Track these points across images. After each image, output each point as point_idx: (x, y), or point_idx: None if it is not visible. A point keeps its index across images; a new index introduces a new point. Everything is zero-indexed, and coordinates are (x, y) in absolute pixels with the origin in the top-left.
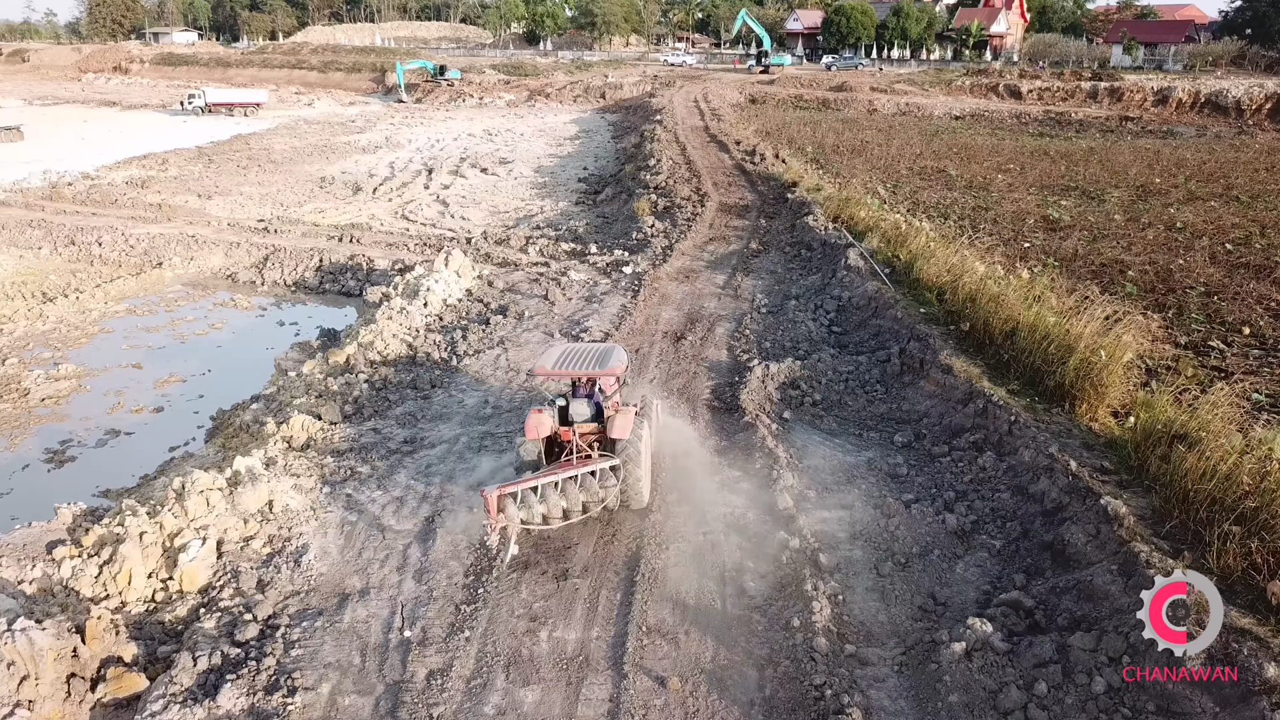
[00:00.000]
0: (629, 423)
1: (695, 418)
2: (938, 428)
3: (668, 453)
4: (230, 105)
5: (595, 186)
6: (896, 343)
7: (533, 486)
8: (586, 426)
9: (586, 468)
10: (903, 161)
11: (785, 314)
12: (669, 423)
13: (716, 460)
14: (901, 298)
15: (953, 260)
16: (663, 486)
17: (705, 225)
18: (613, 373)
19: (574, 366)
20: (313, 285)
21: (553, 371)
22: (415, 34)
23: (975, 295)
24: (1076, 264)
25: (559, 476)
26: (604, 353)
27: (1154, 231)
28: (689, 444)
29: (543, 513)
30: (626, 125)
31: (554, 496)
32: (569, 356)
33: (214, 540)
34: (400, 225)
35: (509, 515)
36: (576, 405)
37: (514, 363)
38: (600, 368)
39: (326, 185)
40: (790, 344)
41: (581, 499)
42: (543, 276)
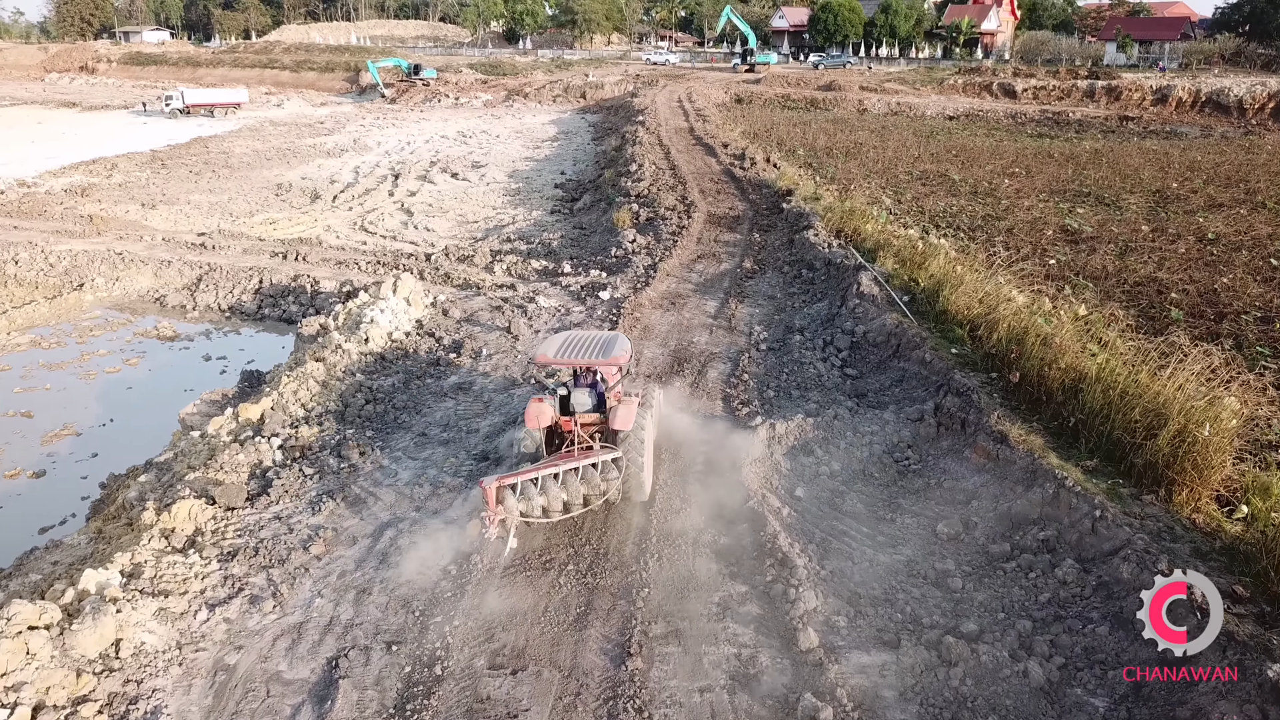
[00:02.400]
0: (632, 413)
1: (686, 500)
2: (992, 516)
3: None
4: (210, 106)
5: (573, 193)
6: (929, 394)
7: (532, 478)
8: (588, 417)
9: (588, 459)
10: (900, 165)
11: (789, 352)
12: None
13: (715, 567)
14: (928, 335)
15: (985, 288)
16: (648, 609)
17: (692, 239)
18: (615, 362)
19: (576, 355)
20: (250, 310)
21: (554, 360)
22: (393, 33)
23: (1020, 335)
24: (1108, 282)
25: (559, 468)
26: (607, 341)
27: (1185, 244)
28: (680, 540)
29: (543, 505)
30: (608, 126)
31: (554, 488)
32: (571, 345)
33: (28, 708)
34: (357, 238)
35: (508, 507)
36: (578, 395)
37: (464, 418)
38: (603, 357)
39: (283, 193)
40: (798, 392)
41: (582, 491)
42: (507, 303)
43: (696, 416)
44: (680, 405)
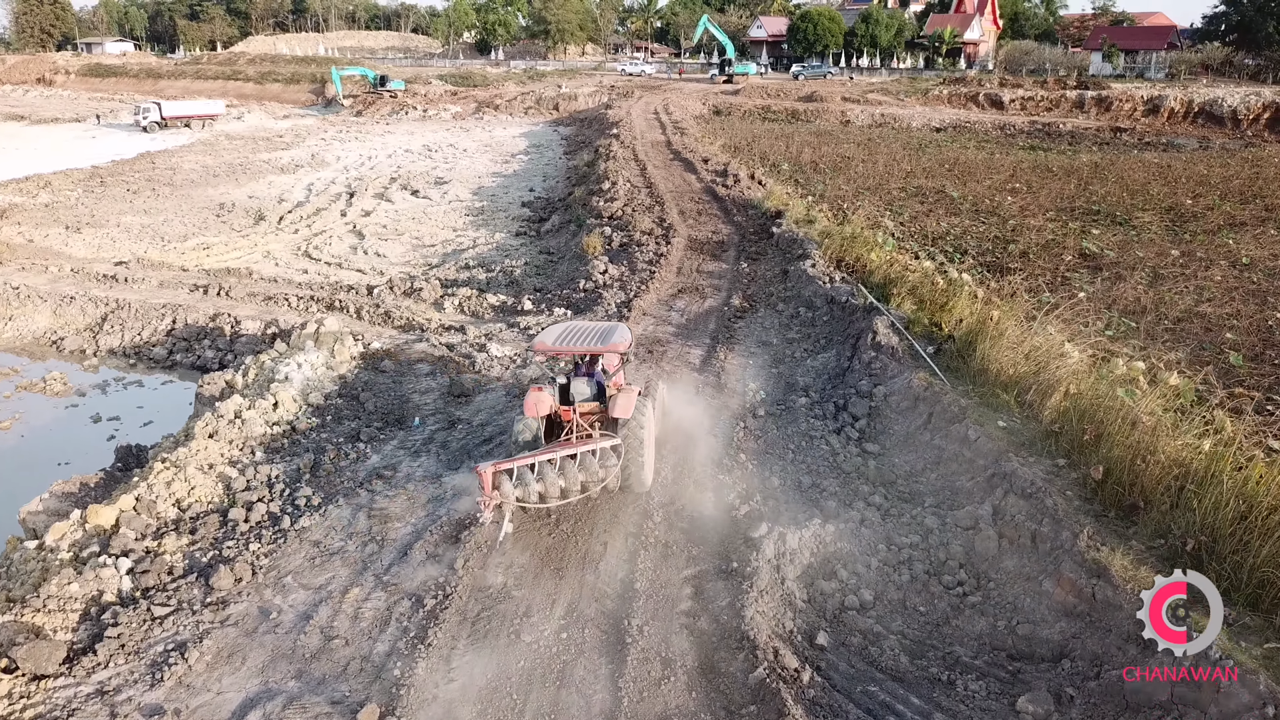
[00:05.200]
0: (631, 402)
1: (668, 670)
2: (1095, 684)
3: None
4: (189, 118)
5: (541, 213)
6: (979, 488)
7: (530, 464)
8: (587, 406)
9: (586, 447)
10: (892, 180)
11: (794, 419)
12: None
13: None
14: (969, 403)
15: (1033, 340)
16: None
17: (672, 269)
18: (615, 349)
19: (575, 343)
20: (159, 357)
21: (553, 348)
22: (362, 44)
23: (1094, 413)
24: (1146, 318)
25: (558, 454)
26: (607, 330)
27: (1220, 270)
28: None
29: (540, 491)
30: (581, 139)
31: (552, 475)
32: (570, 333)
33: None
34: (298, 266)
35: (504, 493)
36: (577, 384)
37: (377, 519)
38: (602, 344)
39: (224, 213)
40: (809, 479)
41: (581, 479)
42: (453, 350)
43: (682, 518)
44: (663, 498)
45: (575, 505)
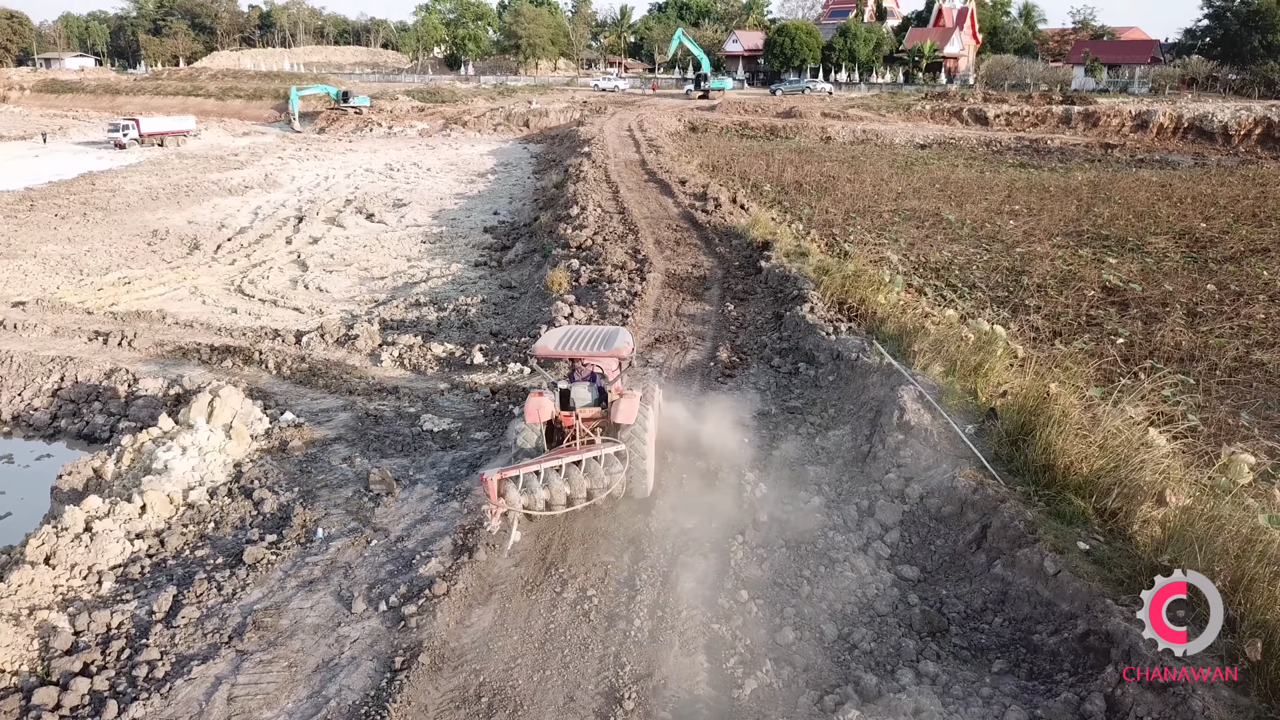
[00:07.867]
0: (634, 408)
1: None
2: None
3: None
4: (164, 134)
5: (504, 240)
6: (1070, 653)
7: (535, 470)
8: (589, 411)
9: (591, 452)
10: (882, 202)
11: (806, 531)
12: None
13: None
14: (1035, 515)
15: (1110, 423)
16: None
17: (648, 312)
18: (617, 354)
19: (576, 348)
20: (40, 423)
21: (554, 353)
22: (330, 59)
23: (1211, 538)
24: (1196, 367)
25: (563, 460)
26: (608, 335)
27: (1260, 306)
28: None
29: (545, 498)
30: (551, 158)
31: (557, 481)
32: (571, 338)
33: None
34: (227, 305)
35: (510, 500)
36: (578, 389)
37: (246, 693)
38: (605, 349)
39: (157, 241)
40: (831, 627)
41: (586, 485)
42: (380, 423)
43: (663, 701)
44: (638, 668)
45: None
